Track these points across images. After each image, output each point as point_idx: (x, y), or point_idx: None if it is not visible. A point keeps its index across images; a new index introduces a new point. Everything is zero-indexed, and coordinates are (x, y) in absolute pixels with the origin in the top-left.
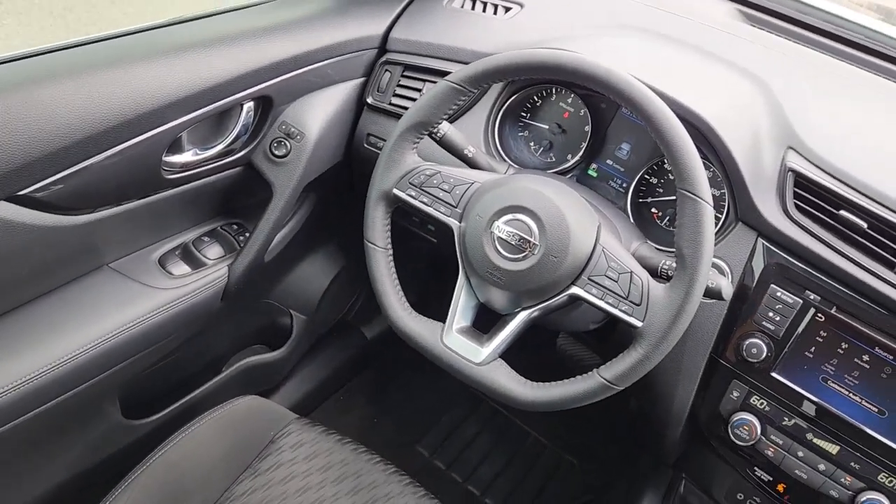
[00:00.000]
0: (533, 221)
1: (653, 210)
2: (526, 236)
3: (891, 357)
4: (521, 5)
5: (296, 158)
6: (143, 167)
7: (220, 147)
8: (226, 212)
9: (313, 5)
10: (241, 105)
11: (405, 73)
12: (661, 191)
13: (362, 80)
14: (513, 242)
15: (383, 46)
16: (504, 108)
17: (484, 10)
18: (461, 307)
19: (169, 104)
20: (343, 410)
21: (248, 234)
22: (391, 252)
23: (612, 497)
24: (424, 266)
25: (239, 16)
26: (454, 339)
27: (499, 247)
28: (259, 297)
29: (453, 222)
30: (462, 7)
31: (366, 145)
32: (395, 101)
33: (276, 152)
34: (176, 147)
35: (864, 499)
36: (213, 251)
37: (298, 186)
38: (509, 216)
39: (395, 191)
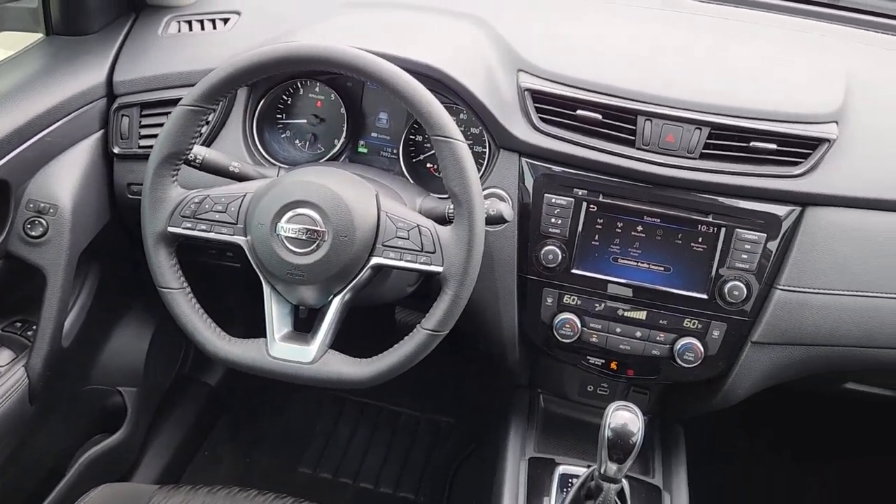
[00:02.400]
0: (313, 211)
1: (427, 165)
2: (312, 227)
3: (658, 220)
4: (239, 13)
5: (57, 234)
6: None
7: None
8: (1, 312)
9: (19, 73)
10: None
11: (144, 113)
12: (428, 146)
13: (101, 132)
14: (302, 237)
15: (111, 93)
16: (256, 115)
17: (202, 28)
18: (276, 316)
19: None
20: (212, 464)
21: (35, 328)
22: (189, 290)
23: (491, 436)
24: (243, 294)
25: None
26: (280, 348)
27: (290, 246)
28: (77, 386)
29: (239, 238)
30: (179, 31)
31: (129, 196)
32: (144, 142)
33: (33, 234)
34: None
35: (678, 346)
36: (2, 357)
37: (72, 261)
38: (290, 213)
39: (170, 229)
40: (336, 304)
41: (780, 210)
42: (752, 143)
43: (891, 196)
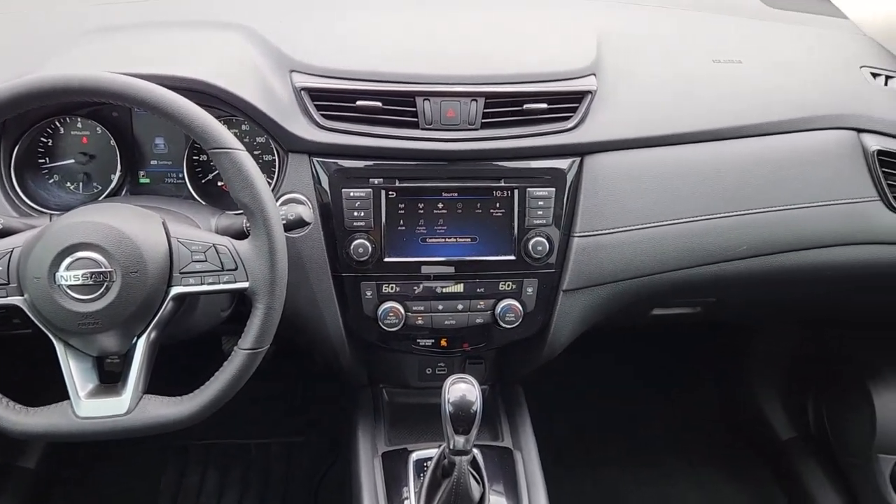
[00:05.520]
0: (94, 252)
1: (219, 183)
2: (96, 269)
3: (456, 194)
4: None
5: None
6: None
7: None
8: None
9: None
10: None
11: None
12: (213, 164)
13: None
14: (87, 282)
15: None
16: (13, 163)
17: None
18: (77, 373)
19: None
20: None
21: None
22: None
23: (344, 443)
24: (43, 362)
25: None
26: (87, 406)
27: (75, 294)
28: None
29: (15, 299)
30: None
31: None
32: None
33: None
34: None
35: (499, 310)
36: None
37: None
38: (68, 259)
39: None
40: (142, 345)
41: (562, 164)
42: (525, 106)
43: (650, 133)
